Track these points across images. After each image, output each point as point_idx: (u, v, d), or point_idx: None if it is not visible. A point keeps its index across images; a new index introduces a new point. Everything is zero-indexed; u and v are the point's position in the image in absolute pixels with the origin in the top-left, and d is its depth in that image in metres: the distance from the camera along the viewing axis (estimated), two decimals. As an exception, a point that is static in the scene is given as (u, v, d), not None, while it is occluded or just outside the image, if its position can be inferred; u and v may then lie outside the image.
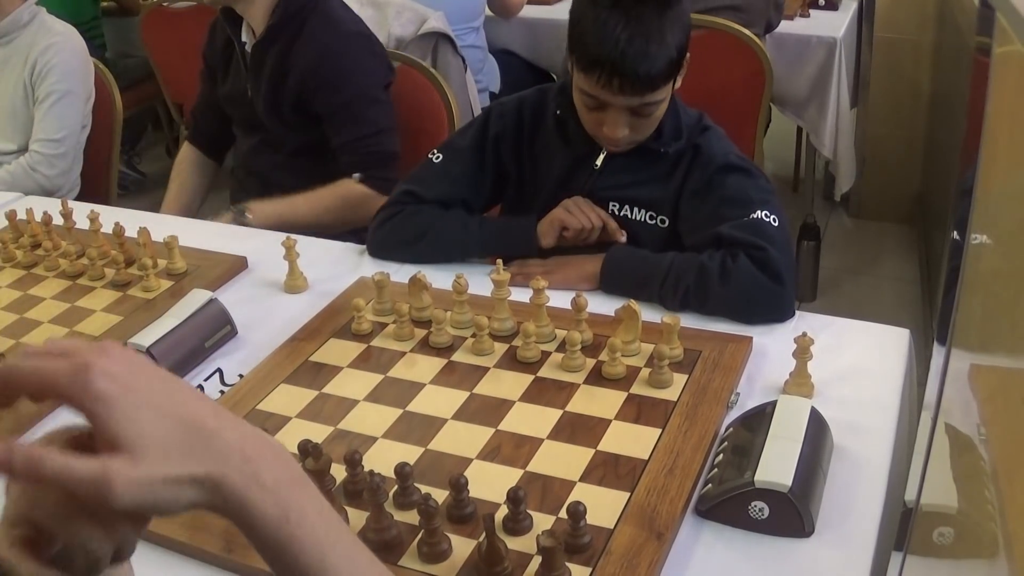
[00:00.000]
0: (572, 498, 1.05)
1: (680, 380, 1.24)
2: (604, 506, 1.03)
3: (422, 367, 1.32)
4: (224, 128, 2.23)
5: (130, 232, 1.65)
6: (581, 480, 1.09)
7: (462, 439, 1.17)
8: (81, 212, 1.74)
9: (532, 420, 1.20)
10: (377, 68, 2.04)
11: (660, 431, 1.15)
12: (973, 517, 0.71)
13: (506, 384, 1.27)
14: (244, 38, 2.04)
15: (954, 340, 0.78)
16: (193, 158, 2.26)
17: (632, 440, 1.14)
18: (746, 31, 2.66)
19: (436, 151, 1.66)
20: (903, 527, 0.92)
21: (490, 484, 1.07)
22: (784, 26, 3.08)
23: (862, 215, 3.71)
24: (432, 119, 2.19)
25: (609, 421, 1.18)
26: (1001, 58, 0.70)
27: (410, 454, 1.14)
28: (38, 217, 1.74)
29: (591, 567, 0.96)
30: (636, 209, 1.57)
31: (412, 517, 1.01)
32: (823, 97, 3.15)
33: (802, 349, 1.21)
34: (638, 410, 1.20)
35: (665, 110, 1.50)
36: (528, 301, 1.37)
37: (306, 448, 1.07)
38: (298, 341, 1.39)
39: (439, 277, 1.46)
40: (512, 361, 1.32)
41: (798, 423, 1.08)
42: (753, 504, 1.00)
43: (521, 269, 1.51)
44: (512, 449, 1.15)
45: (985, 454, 0.68)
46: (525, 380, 1.28)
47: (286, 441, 1.15)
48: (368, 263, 1.63)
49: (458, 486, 1.03)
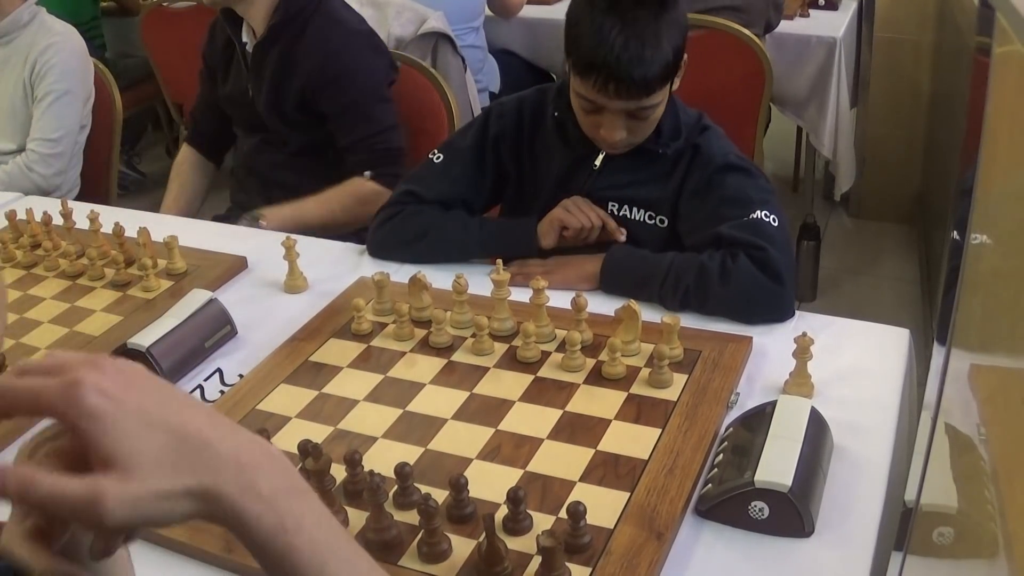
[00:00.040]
0: (572, 498, 1.05)
1: (680, 380, 1.24)
2: (604, 506, 1.03)
3: (422, 367, 1.32)
4: (223, 129, 2.23)
5: (130, 232, 1.65)
6: (581, 480, 1.09)
7: (462, 439, 1.17)
8: (81, 212, 1.74)
9: (532, 420, 1.20)
10: (381, 66, 2.04)
11: (660, 431, 1.15)
12: (973, 517, 0.71)
13: (506, 384, 1.27)
14: (244, 38, 2.04)
15: (954, 340, 0.78)
16: (192, 160, 2.26)
17: (632, 440, 1.14)
18: (746, 31, 2.66)
19: (436, 151, 1.66)
20: (903, 527, 0.92)
21: (490, 484, 1.07)
22: (784, 26, 3.07)
23: (862, 215, 3.71)
24: (432, 119, 2.19)
25: (609, 421, 1.18)
26: (1001, 58, 0.70)
27: (410, 454, 1.14)
28: (38, 217, 1.74)
29: (591, 567, 0.96)
30: (635, 209, 1.57)
31: (412, 517, 1.01)
32: (823, 97, 3.15)
33: (802, 349, 1.21)
34: (638, 410, 1.20)
35: (663, 111, 1.50)
36: (528, 301, 1.37)
37: (306, 448, 1.07)
38: (298, 341, 1.39)
39: (439, 277, 1.46)
40: (512, 361, 1.32)
41: (798, 423, 1.08)
42: (753, 504, 1.00)
43: (521, 269, 1.51)
44: (512, 449, 1.15)
45: (985, 454, 0.68)
46: (525, 380, 1.28)
47: (286, 441, 1.16)
48: (368, 263, 1.63)
49: (458, 486, 1.03)
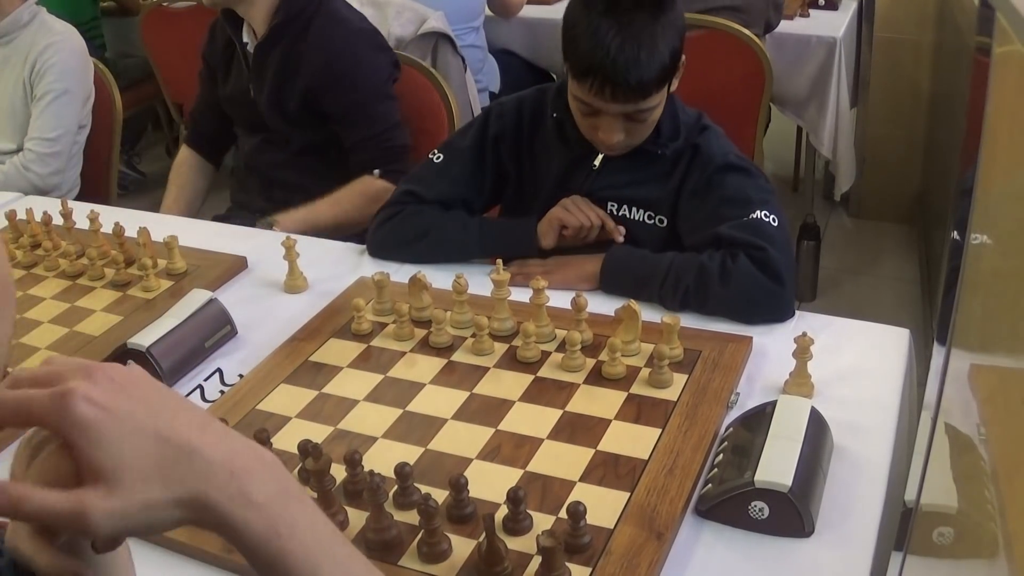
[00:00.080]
0: (572, 498, 1.05)
1: (680, 380, 1.24)
2: (604, 506, 1.03)
3: (422, 367, 1.32)
4: (223, 130, 2.22)
5: (130, 232, 1.65)
6: (581, 480, 1.09)
7: (462, 439, 1.17)
8: (81, 212, 1.74)
9: (532, 420, 1.20)
10: (384, 64, 2.04)
11: (660, 431, 1.15)
12: (973, 517, 0.71)
13: (506, 384, 1.27)
14: (245, 39, 2.04)
15: (954, 340, 0.78)
16: (191, 162, 2.25)
17: (632, 440, 1.14)
18: (746, 31, 2.66)
19: (436, 151, 1.66)
20: (903, 527, 0.92)
21: (490, 484, 1.07)
22: (784, 26, 3.07)
23: (862, 215, 3.70)
24: (432, 119, 2.19)
25: (609, 421, 1.18)
26: (1001, 58, 0.70)
27: (410, 454, 1.14)
28: (38, 217, 1.74)
29: (591, 567, 0.96)
30: (635, 209, 1.57)
31: (412, 517, 1.01)
32: (823, 97, 3.15)
33: (802, 349, 1.21)
34: (638, 410, 1.20)
35: (661, 113, 1.49)
36: (528, 301, 1.37)
37: (306, 448, 1.07)
38: (298, 341, 1.39)
39: (439, 277, 1.46)
40: (512, 361, 1.32)
41: (798, 423, 1.08)
42: (753, 504, 1.00)
43: (521, 269, 1.51)
44: (512, 449, 1.15)
45: (985, 454, 0.68)
46: (525, 380, 1.28)
47: (286, 441, 1.16)
48: (368, 263, 1.63)
49: (458, 486, 1.03)
